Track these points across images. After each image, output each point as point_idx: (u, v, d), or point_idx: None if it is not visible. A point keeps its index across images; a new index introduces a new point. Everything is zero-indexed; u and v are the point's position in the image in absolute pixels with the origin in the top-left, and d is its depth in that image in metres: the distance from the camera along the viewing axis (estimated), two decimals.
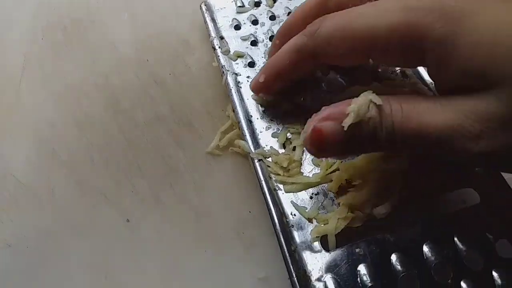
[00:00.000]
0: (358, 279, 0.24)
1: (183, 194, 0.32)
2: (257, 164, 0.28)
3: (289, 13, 0.36)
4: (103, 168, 0.33)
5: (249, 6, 0.36)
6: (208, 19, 0.35)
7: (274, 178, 0.28)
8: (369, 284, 0.24)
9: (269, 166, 0.28)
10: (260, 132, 0.30)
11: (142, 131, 0.34)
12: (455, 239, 0.25)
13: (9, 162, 0.33)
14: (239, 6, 0.36)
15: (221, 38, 0.34)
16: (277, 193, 0.27)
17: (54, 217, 0.31)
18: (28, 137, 0.34)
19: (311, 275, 0.24)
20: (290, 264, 0.25)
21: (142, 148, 0.34)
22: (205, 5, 0.36)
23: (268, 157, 0.29)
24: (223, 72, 0.33)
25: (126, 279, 0.29)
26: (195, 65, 0.37)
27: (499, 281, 0.24)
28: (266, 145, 0.29)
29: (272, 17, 0.35)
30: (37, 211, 0.31)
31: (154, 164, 0.33)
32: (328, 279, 0.24)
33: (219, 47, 0.34)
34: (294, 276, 0.24)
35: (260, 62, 0.33)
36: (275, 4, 0.36)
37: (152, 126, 0.35)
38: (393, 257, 0.24)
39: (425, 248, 0.25)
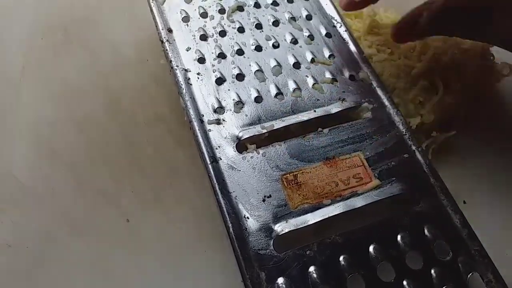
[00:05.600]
0: (309, 280, 0.24)
1: (183, 194, 0.32)
2: (210, 166, 0.28)
3: (238, 6, 0.34)
4: (103, 168, 0.33)
5: None
6: (154, 9, 0.33)
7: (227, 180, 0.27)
8: (320, 286, 0.24)
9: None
10: (210, 131, 0.29)
11: (142, 131, 0.34)
12: (398, 240, 0.26)
13: (9, 162, 0.33)
14: None
15: (169, 30, 0.32)
16: (230, 196, 0.27)
17: (54, 217, 0.31)
18: (28, 137, 0.34)
19: (264, 278, 0.24)
20: (244, 268, 0.25)
21: (142, 148, 0.34)
22: None
23: (220, 159, 0.28)
24: (172, 67, 0.31)
25: (126, 279, 0.29)
26: None
27: (436, 280, 0.25)
28: (219, 147, 0.28)
29: (222, 11, 0.34)
30: (37, 211, 0.31)
31: (154, 164, 0.33)
32: (281, 281, 0.24)
33: (167, 41, 0.32)
34: (248, 279, 0.24)
35: (210, 58, 0.31)
36: None
37: (152, 126, 0.35)
38: (341, 259, 0.25)
39: (371, 249, 0.26)
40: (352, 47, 0.34)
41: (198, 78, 0.31)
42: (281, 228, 0.26)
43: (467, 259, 0.26)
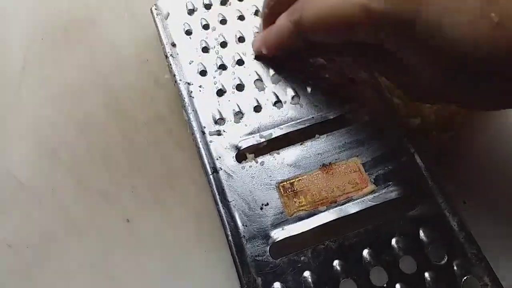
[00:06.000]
0: (303, 285, 0.25)
1: (183, 194, 0.32)
2: (211, 177, 0.28)
3: (239, 16, 0.34)
4: (103, 168, 0.33)
5: (200, 8, 0.34)
6: (159, 24, 0.33)
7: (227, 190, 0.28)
8: None
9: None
10: (211, 142, 0.29)
11: (142, 131, 0.34)
12: (392, 244, 0.26)
13: (10, 162, 0.33)
14: (190, 9, 0.34)
15: (173, 45, 0.33)
16: (229, 205, 0.27)
17: (54, 217, 0.31)
18: (28, 137, 0.34)
19: (261, 283, 0.25)
20: (241, 273, 0.26)
21: (142, 148, 0.34)
22: (156, 8, 0.34)
23: (221, 169, 0.28)
24: (176, 81, 0.31)
25: (126, 279, 0.29)
26: None
27: (430, 284, 0.25)
28: (220, 157, 0.29)
29: (223, 21, 0.34)
30: (37, 211, 0.31)
31: (154, 164, 0.33)
32: (277, 286, 0.25)
33: (171, 55, 0.32)
34: (245, 285, 0.25)
35: (212, 70, 0.32)
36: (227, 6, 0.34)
37: (152, 126, 0.35)
38: (335, 263, 0.26)
39: (365, 253, 0.26)
40: None
41: (200, 90, 0.31)
42: (277, 235, 0.26)
43: (463, 262, 0.26)
